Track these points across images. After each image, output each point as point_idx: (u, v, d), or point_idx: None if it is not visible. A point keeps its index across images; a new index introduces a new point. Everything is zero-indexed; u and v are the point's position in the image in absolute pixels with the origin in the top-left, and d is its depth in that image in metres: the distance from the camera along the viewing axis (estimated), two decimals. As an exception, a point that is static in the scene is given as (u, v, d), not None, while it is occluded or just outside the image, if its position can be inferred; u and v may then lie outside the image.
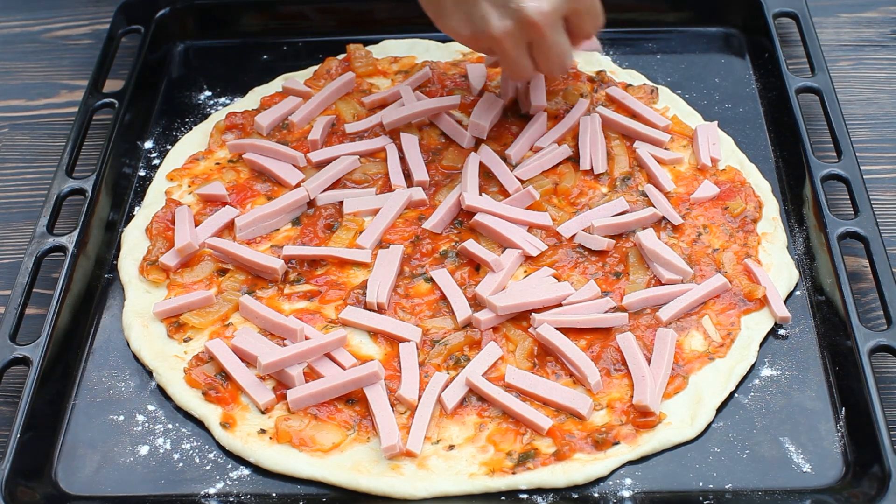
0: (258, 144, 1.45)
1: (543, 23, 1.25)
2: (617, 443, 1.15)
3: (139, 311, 1.30)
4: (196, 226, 1.37)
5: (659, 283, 1.29)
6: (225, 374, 1.22)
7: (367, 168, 1.44)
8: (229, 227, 1.38)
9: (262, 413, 1.20)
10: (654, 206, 1.37)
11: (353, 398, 1.20)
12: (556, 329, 1.23)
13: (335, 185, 1.42)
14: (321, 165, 1.44)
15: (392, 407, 1.18)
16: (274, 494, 1.15)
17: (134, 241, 1.38)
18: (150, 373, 1.25)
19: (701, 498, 1.12)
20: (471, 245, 1.32)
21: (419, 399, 1.19)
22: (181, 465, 1.18)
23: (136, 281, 1.33)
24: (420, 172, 1.42)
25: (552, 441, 1.16)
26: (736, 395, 1.21)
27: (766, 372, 1.23)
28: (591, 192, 1.40)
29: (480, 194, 1.38)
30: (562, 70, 1.34)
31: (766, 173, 1.43)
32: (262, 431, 1.18)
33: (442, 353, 1.24)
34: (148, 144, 1.53)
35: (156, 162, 1.50)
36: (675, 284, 1.28)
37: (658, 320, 1.26)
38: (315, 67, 1.59)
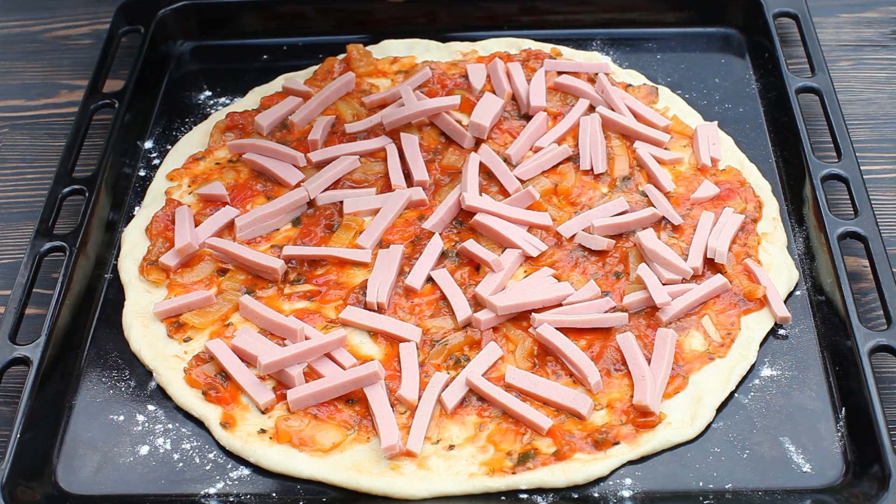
0: (258, 144, 1.46)
1: None
2: (617, 443, 1.15)
3: (139, 311, 1.30)
4: (196, 226, 1.37)
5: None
6: (225, 374, 1.22)
7: (367, 168, 1.44)
8: (229, 227, 1.38)
9: (262, 413, 1.20)
10: (654, 206, 1.37)
11: (353, 398, 1.20)
12: (556, 329, 1.23)
13: (335, 185, 1.42)
14: (321, 165, 1.44)
15: (392, 407, 1.18)
16: (274, 494, 1.15)
17: (134, 241, 1.38)
18: (150, 373, 1.25)
19: (701, 498, 1.12)
20: (471, 245, 1.32)
21: (419, 399, 1.19)
22: (181, 465, 1.18)
23: (136, 281, 1.33)
24: (420, 172, 1.42)
25: (552, 441, 1.16)
26: (736, 395, 1.21)
27: (766, 372, 1.23)
28: (591, 192, 1.40)
29: (480, 194, 1.38)
30: None
31: (766, 173, 1.43)
32: (262, 431, 1.18)
33: (442, 353, 1.24)
34: (148, 144, 1.53)
35: (156, 162, 1.50)
36: (675, 284, 1.28)
37: (658, 320, 1.26)
38: (315, 67, 1.59)
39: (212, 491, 1.15)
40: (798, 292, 1.31)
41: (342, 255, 1.33)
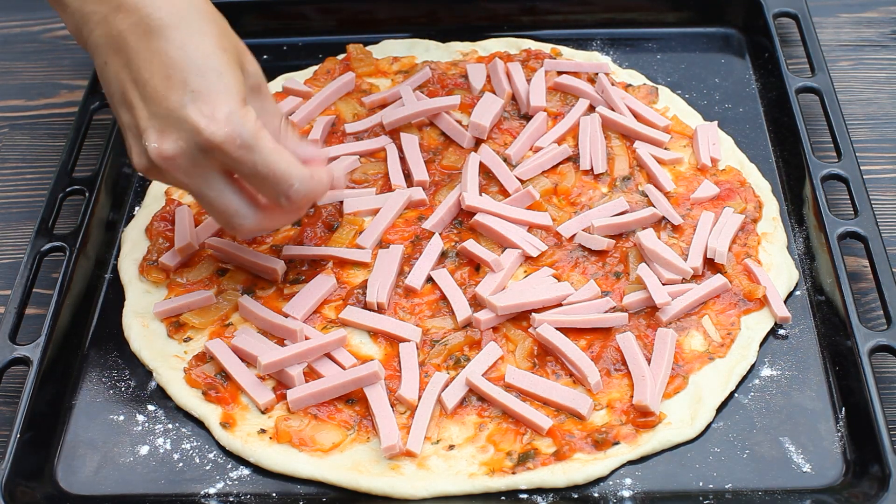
0: (258, 144, 1.45)
1: (169, 168, 1.09)
2: (617, 443, 1.15)
3: (139, 311, 1.30)
4: (196, 226, 1.36)
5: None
6: (225, 374, 1.22)
7: (367, 168, 1.44)
8: (229, 227, 1.38)
9: (262, 413, 1.20)
10: (654, 206, 1.37)
11: (353, 398, 1.20)
12: (556, 329, 1.23)
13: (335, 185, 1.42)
14: (321, 165, 1.44)
15: (392, 407, 1.18)
16: (274, 494, 1.15)
17: (134, 241, 1.38)
18: (150, 373, 1.25)
19: (701, 498, 1.12)
20: (471, 245, 1.32)
21: (419, 399, 1.19)
22: (181, 465, 1.18)
23: (136, 281, 1.33)
24: (420, 172, 1.42)
25: (552, 441, 1.16)
26: (736, 395, 1.21)
27: (766, 372, 1.23)
28: (591, 192, 1.40)
29: (480, 194, 1.38)
30: (239, 230, 1.16)
31: (766, 173, 1.43)
32: (262, 431, 1.18)
33: (442, 353, 1.24)
34: (148, 144, 1.53)
35: (156, 162, 1.50)
36: (675, 284, 1.28)
37: (658, 320, 1.26)
38: (315, 67, 1.59)
39: (212, 491, 1.15)
40: (798, 292, 1.31)
41: (342, 255, 1.33)
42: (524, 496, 1.13)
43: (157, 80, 1.07)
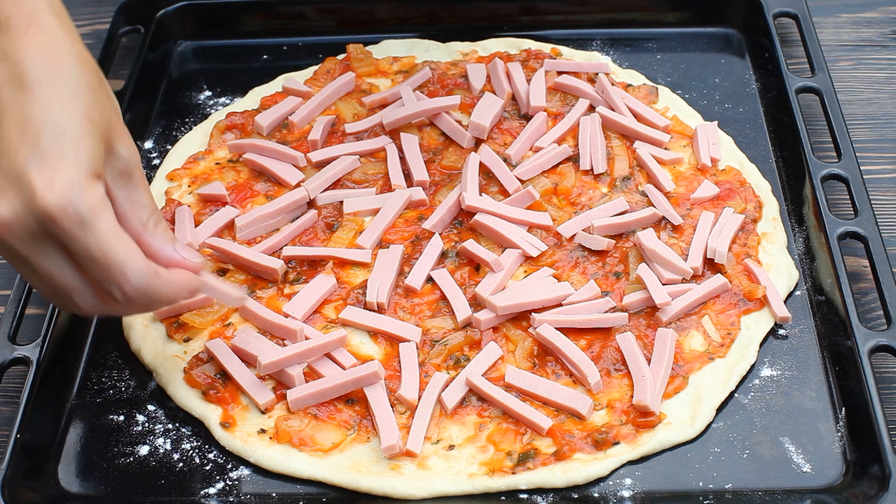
0: (258, 144, 1.45)
1: (4, 234, 0.96)
2: (617, 443, 1.15)
3: (139, 311, 1.30)
4: (196, 226, 1.37)
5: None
6: (225, 374, 1.22)
7: (367, 168, 1.44)
8: (229, 227, 1.38)
9: (262, 413, 1.20)
10: (654, 206, 1.37)
11: (353, 398, 1.20)
12: (556, 329, 1.23)
13: (335, 185, 1.42)
14: (321, 165, 1.44)
15: (392, 407, 1.18)
16: (274, 494, 1.15)
17: (134, 241, 1.38)
18: (150, 373, 1.25)
19: (701, 498, 1.12)
20: (471, 245, 1.32)
21: (419, 399, 1.19)
22: (181, 465, 1.18)
23: (136, 281, 1.33)
24: (420, 172, 1.42)
25: (552, 441, 1.16)
26: (736, 395, 1.21)
27: (766, 372, 1.23)
28: (591, 192, 1.40)
29: (480, 194, 1.38)
30: (82, 311, 1.04)
31: (766, 173, 1.43)
32: (262, 431, 1.18)
33: (442, 353, 1.24)
34: (148, 144, 1.53)
35: (156, 162, 1.50)
36: (675, 284, 1.28)
37: (658, 320, 1.26)
38: (315, 67, 1.59)
39: (212, 491, 1.15)
40: (798, 292, 1.31)
41: (342, 255, 1.33)
42: (524, 496, 1.13)
43: (13, 134, 0.98)
